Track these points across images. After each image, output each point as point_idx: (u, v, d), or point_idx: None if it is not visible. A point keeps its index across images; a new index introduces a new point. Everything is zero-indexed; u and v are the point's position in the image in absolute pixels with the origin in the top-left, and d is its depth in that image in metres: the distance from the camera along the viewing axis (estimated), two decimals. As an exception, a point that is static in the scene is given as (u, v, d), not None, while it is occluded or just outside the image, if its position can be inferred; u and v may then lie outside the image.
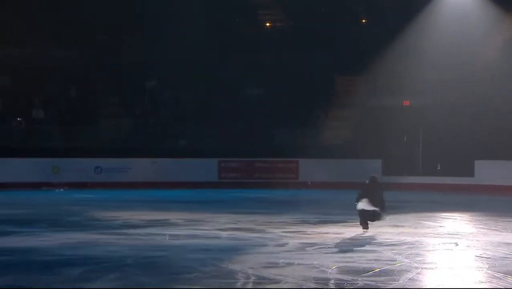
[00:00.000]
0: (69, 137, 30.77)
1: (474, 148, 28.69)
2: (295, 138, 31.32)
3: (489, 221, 16.84)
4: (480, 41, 31.85)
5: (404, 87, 31.34)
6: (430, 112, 30.49)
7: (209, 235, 14.10)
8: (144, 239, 13.51)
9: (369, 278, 9.61)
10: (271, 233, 14.37)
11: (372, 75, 32.17)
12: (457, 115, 29.92)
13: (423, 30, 32.31)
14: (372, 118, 32.05)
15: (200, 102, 32.90)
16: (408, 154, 30.96)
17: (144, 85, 33.46)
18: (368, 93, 32.89)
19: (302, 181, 29.98)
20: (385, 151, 29.95)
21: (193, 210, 19.70)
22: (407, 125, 30.78)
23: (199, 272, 9.98)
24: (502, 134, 28.94)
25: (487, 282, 9.53)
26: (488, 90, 30.26)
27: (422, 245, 12.91)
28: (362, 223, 14.69)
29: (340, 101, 32.57)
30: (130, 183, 28.92)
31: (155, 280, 9.57)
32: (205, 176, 30.10)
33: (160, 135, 31.82)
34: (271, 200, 24.41)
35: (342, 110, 32.18)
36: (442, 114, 30.00)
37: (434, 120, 30.21)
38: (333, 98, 33.28)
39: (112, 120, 32.33)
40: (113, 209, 19.96)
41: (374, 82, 32.63)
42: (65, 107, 32.09)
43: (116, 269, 10.26)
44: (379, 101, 32.23)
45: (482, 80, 30.69)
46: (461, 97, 30.49)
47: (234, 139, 31.22)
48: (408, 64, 31.05)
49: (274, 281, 9.39)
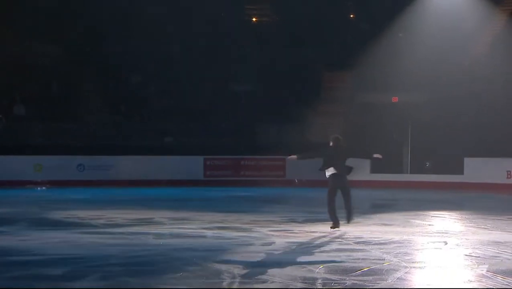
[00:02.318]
0: (51, 134, 30.69)
1: (463, 146, 28.80)
2: (282, 135, 31.34)
3: (478, 220, 16.89)
4: (469, 36, 31.93)
5: (392, 83, 31.41)
6: (419, 109, 30.58)
7: (195, 234, 14.07)
8: (128, 238, 13.46)
9: (357, 277, 9.62)
10: (258, 232, 14.36)
11: (360, 71, 32.21)
12: (446, 112, 30.03)
13: (412, 25, 32.38)
14: (360, 115, 32.12)
15: (186, 98, 32.86)
16: (397, 151, 31.03)
17: (128, 80, 33.38)
18: (356, 89, 32.95)
19: (289, 179, 30.01)
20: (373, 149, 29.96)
21: (178, 208, 19.66)
22: (395, 122, 30.85)
23: (184, 272, 9.96)
24: (492, 131, 29.08)
25: (477, 281, 9.56)
26: (478, 86, 30.36)
27: (410, 244, 12.93)
28: (331, 211, 14.52)
29: (328, 97, 32.61)
30: (114, 181, 28.88)
31: (139, 280, 9.54)
32: (190, 174, 30.08)
33: (145, 132, 31.76)
34: (257, 198, 24.39)
35: (330, 106, 32.22)
36: (431, 111, 30.10)
37: (423, 116, 30.31)
38: (321, 94, 33.33)
39: (95, 116, 32.24)
40: (96, 207, 19.88)
41: (362, 78, 32.68)
42: (47, 103, 31.98)
43: (99, 269, 10.23)
44: (367, 98, 32.31)
45: (472, 76, 30.79)
46: (451, 93, 30.58)
47: (220, 136, 31.22)
48: (397, 60, 31.12)
49: (261, 281, 9.38)
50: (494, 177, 28.22)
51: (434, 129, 29.77)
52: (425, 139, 30.11)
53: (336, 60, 33.21)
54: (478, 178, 28.42)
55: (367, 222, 16.25)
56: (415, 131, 30.91)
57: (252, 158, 30.77)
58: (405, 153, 31.16)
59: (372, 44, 31.55)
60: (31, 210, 19.16)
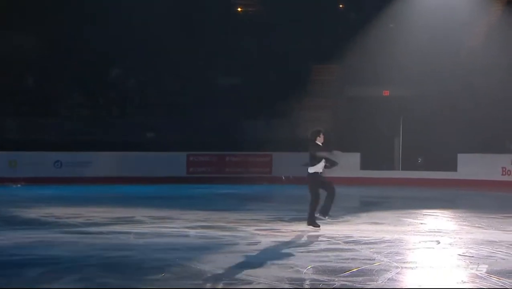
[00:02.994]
0: (26, 129, 30.57)
1: (457, 141, 28.88)
2: (268, 130, 31.35)
3: (472, 218, 16.97)
4: (464, 27, 31.99)
5: (383, 76, 31.45)
6: (411, 103, 30.65)
7: (177, 234, 14.08)
8: (108, 238, 13.45)
9: (346, 278, 9.65)
10: (243, 231, 14.38)
11: (349, 63, 32.23)
12: (439, 106, 30.10)
13: (404, 15, 32.43)
14: (350, 109, 32.17)
15: (168, 91, 32.80)
16: (388, 147, 31.11)
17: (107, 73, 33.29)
18: (346, 83, 32.98)
19: (276, 176, 30.02)
20: (364, 144, 30.08)
21: (160, 206, 19.65)
22: (386, 116, 30.92)
23: (166, 273, 9.97)
24: (486, 126, 29.17)
25: (470, 282, 9.60)
26: (473, 79, 30.43)
27: (402, 243, 12.98)
28: (311, 214, 14.57)
29: (316, 90, 32.63)
30: (93, 178, 28.81)
31: (119, 282, 9.53)
32: (173, 171, 30.03)
33: (125, 127, 31.69)
34: (243, 196, 24.40)
35: (319, 101, 32.24)
36: (424, 105, 30.16)
37: (415, 111, 30.38)
38: (309, 87, 33.33)
39: (72, 111, 32.14)
40: (74, 205, 19.84)
41: (352, 71, 32.70)
42: (22, 97, 31.85)
43: (77, 270, 10.21)
44: (357, 91, 32.35)
45: (466, 69, 30.86)
46: (444, 87, 30.65)
47: (204, 131, 31.20)
48: (388, 52, 31.15)
49: (246, 282, 9.40)
50: (489, 174, 28.34)
51: (426, 124, 29.85)
52: (417, 134, 30.19)
53: (324, 52, 33.21)
54: (472, 174, 28.54)
55: (357, 221, 16.30)
56: (407, 126, 30.98)
57: (237, 154, 30.78)
58: (397, 149, 31.24)
59: (362, 35, 31.59)
60: (6, 208, 19.09)
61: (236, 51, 33.80)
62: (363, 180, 29.04)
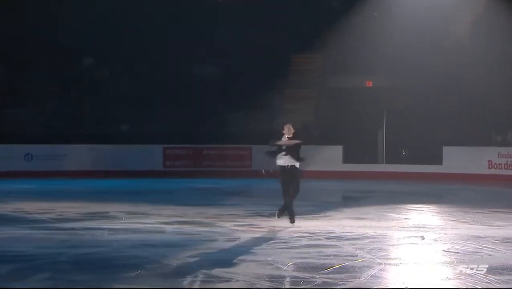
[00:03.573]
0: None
1: (442, 133, 28.98)
2: (248, 122, 31.32)
3: (458, 213, 17.04)
4: (450, 16, 32.07)
5: (366, 66, 31.50)
6: (395, 94, 30.71)
7: (153, 229, 14.05)
8: (80, 234, 13.41)
9: (328, 275, 9.66)
10: (221, 227, 14.38)
11: (331, 52, 32.26)
12: (424, 97, 30.18)
13: (388, 4, 32.49)
14: (331, 100, 32.19)
15: (143, 81, 32.69)
16: (371, 139, 31.17)
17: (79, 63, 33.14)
18: (327, 73, 33.01)
19: (256, 170, 29.98)
20: (346, 137, 30.12)
21: (135, 201, 19.60)
22: (369, 108, 30.97)
23: (141, 271, 9.94)
24: (473, 118, 29.29)
25: (456, 279, 9.63)
26: (459, 70, 30.52)
27: (385, 239, 13.01)
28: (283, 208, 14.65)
29: (297, 81, 32.64)
30: (65, 172, 28.72)
31: (91, 280, 9.50)
32: (148, 164, 30.00)
33: (98, 119, 31.58)
34: (221, 190, 24.40)
35: (299, 92, 32.25)
36: (408, 96, 30.24)
37: (399, 102, 30.44)
38: (289, 78, 33.34)
39: (44, 102, 31.98)
40: (45, 200, 19.78)
41: (334, 61, 32.74)
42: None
43: (48, 267, 10.17)
44: (339, 82, 32.38)
45: (452, 59, 30.95)
46: (429, 78, 30.73)
47: (181, 124, 31.13)
48: (371, 41, 31.20)
49: (224, 280, 9.39)
50: (475, 167, 28.45)
51: (411, 115, 29.92)
52: (401, 126, 30.26)
53: (305, 41, 33.20)
54: (457, 168, 28.64)
55: (339, 216, 16.33)
56: (390, 118, 31.04)
57: (216, 147, 30.74)
58: (380, 141, 31.31)
59: (344, 24, 31.60)
60: (-26, 204, 18.99)
61: (213, 40, 33.72)
62: (345, 174, 29.09)
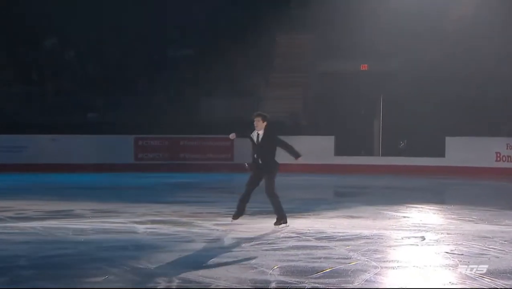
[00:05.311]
0: None
1: (445, 123, 29.07)
2: (229, 110, 31.32)
3: (462, 211, 17.10)
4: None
5: (361, 49, 31.54)
6: (392, 79, 30.78)
7: (123, 229, 14.04)
8: (42, 235, 13.38)
9: (318, 279, 9.67)
10: (200, 227, 14.39)
11: (322, 34, 32.27)
12: (424, 83, 30.25)
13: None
14: (323, 86, 32.23)
15: (112, 65, 32.65)
16: (366, 129, 31.24)
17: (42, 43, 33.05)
18: (318, 56, 33.02)
19: (238, 163, 30.01)
20: (339, 126, 30.18)
21: (103, 198, 19.62)
22: (364, 94, 31.03)
23: (110, 275, 9.92)
24: (478, 106, 29.36)
25: (459, 283, 9.66)
26: (463, 53, 30.60)
27: (382, 240, 13.03)
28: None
29: (283, 65, 32.63)
30: (25, 165, 28.67)
31: (54, 285, 9.47)
32: (118, 157, 30.00)
33: (63, 106, 31.52)
34: (199, 186, 24.45)
35: (287, 77, 32.27)
36: (407, 81, 30.30)
37: (397, 88, 30.50)
38: (276, 62, 33.33)
39: (2, 87, 31.91)
40: (3, 197, 19.73)
41: (325, 43, 32.74)
42: None
43: (5, 272, 10.13)
44: (331, 66, 32.40)
45: (455, 41, 31.03)
46: (430, 61, 30.80)
47: (155, 112, 31.11)
48: (366, 22, 31.21)
49: (203, 285, 9.40)
50: (481, 160, 28.56)
51: (410, 102, 29.98)
52: (399, 114, 30.32)
53: (293, 21, 33.20)
54: (462, 161, 28.75)
55: (330, 214, 16.35)
56: (387, 105, 31.11)
57: (194, 137, 30.75)
58: (376, 131, 31.39)
59: (337, 2, 31.61)
60: None
61: (193, 20, 33.67)
62: (337, 168, 29.15)
